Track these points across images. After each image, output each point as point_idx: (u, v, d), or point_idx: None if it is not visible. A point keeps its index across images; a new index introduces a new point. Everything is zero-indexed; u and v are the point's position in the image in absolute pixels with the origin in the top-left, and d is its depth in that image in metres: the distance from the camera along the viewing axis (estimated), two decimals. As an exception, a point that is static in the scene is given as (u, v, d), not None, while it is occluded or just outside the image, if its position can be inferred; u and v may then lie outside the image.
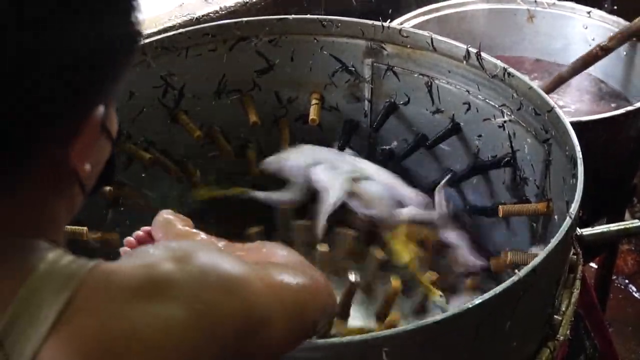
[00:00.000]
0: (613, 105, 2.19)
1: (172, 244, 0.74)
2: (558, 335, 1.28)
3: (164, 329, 0.66)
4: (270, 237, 1.68)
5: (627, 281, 2.88)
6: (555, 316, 1.29)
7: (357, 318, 1.57)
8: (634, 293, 2.85)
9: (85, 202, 0.77)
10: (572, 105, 2.22)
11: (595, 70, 2.25)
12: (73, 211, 0.76)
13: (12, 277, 0.66)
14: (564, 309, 1.31)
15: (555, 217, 1.45)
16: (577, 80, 2.26)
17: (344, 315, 1.51)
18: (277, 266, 0.88)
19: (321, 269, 1.59)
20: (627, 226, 1.50)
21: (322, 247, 1.63)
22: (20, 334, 0.63)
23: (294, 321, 0.81)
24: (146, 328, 0.65)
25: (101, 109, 0.71)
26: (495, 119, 1.61)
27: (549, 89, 2.12)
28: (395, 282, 1.54)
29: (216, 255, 0.74)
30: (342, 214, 1.66)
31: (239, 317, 0.71)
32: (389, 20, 1.71)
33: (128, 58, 0.73)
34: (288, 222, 1.72)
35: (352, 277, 1.48)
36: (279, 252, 0.99)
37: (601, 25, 2.24)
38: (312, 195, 1.67)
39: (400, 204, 1.65)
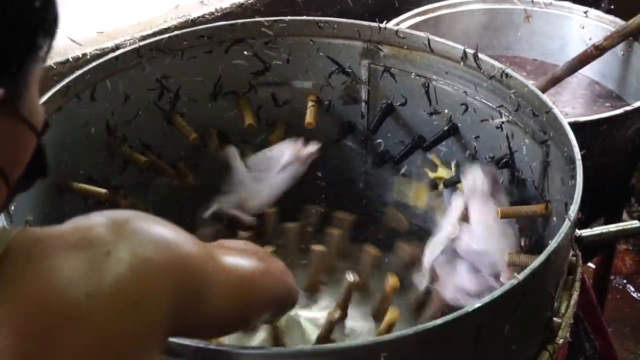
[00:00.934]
0: (609, 105, 2.19)
1: (107, 213, 0.74)
2: (557, 338, 1.27)
3: (102, 277, 0.65)
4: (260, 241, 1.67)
5: (625, 281, 2.88)
6: (555, 318, 1.28)
7: (353, 318, 1.57)
8: (632, 293, 2.85)
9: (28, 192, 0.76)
10: (569, 105, 2.21)
11: (591, 70, 2.25)
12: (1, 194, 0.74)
13: None
14: (563, 311, 1.30)
15: (554, 218, 1.44)
16: (573, 81, 2.25)
17: (343, 316, 1.51)
18: (230, 250, 0.90)
19: (315, 268, 1.62)
20: (626, 227, 1.49)
21: (317, 247, 1.63)
22: None
23: (238, 298, 0.84)
24: (84, 278, 0.65)
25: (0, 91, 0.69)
26: (493, 120, 1.60)
27: (544, 89, 2.11)
28: (393, 279, 1.54)
29: (152, 221, 0.75)
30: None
31: (174, 273, 0.72)
32: (385, 22, 1.70)
33: (34, 44, 0.71)
34: (277, 225, 1.72)
35: (350, 277, 1.48)
36: (240, 243, 1.02)
37: (598, 25, 2.24)
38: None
39: None
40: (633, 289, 2.86)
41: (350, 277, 1.48)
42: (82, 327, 0.64)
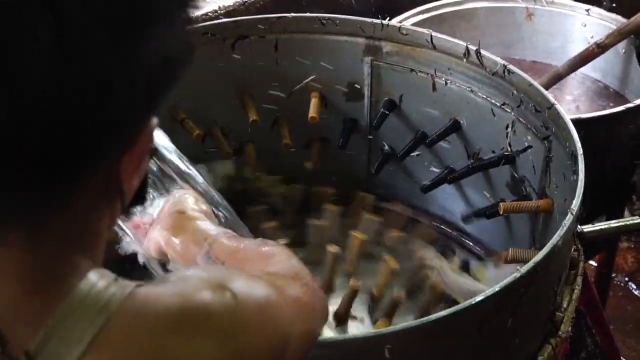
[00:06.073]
0: (611, 103, 2.20)
1: (206, 271, 0.75)
2: (560, 332, 1.28)
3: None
4: (284, 231, 1.68)
5: (627, 279, 2.88)
6: (557, 313, 1.29)
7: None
8: (633, 291, 2.86)
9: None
10: (571, 103, 2.22)
11: (593, 68, 2.26)
12: (112, 227, 0.74)
13: (51, 294, 0.65)
14: (565, 305, 1.31)
15: (556, 214, 1.45)
16: (575, 78, 2.26)
17: (344, 319, 1.51)
18: (286, 280, 0.88)
19: (330, 269, 1.61)
20: (627, 222, 1.50)
21: (333, 249, 1.59)
22: (53, 353, 0.62)
23: (306, 337, 0.83)
24: None
25: (155, 120, 0.69)
26: (495, 116, 1.61)
27: (546, 86, 2.11)
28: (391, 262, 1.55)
29: (247, 282, 0.76)
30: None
31: (269, 348, 0.73)
32: (387, 19, 1.71)
33: (186, 67, 0.70)
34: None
35: (352, 281, 1.49)
36: (278, 255, 1.00)
37: (600, 23, 2.24)
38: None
39: None
40: (634, 287, 2.86)
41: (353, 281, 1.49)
42: None
